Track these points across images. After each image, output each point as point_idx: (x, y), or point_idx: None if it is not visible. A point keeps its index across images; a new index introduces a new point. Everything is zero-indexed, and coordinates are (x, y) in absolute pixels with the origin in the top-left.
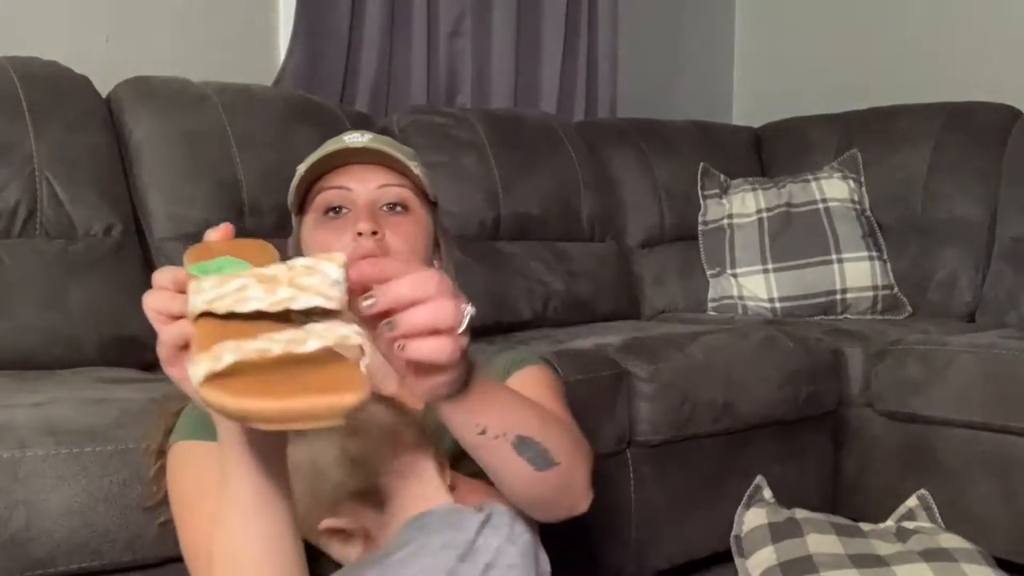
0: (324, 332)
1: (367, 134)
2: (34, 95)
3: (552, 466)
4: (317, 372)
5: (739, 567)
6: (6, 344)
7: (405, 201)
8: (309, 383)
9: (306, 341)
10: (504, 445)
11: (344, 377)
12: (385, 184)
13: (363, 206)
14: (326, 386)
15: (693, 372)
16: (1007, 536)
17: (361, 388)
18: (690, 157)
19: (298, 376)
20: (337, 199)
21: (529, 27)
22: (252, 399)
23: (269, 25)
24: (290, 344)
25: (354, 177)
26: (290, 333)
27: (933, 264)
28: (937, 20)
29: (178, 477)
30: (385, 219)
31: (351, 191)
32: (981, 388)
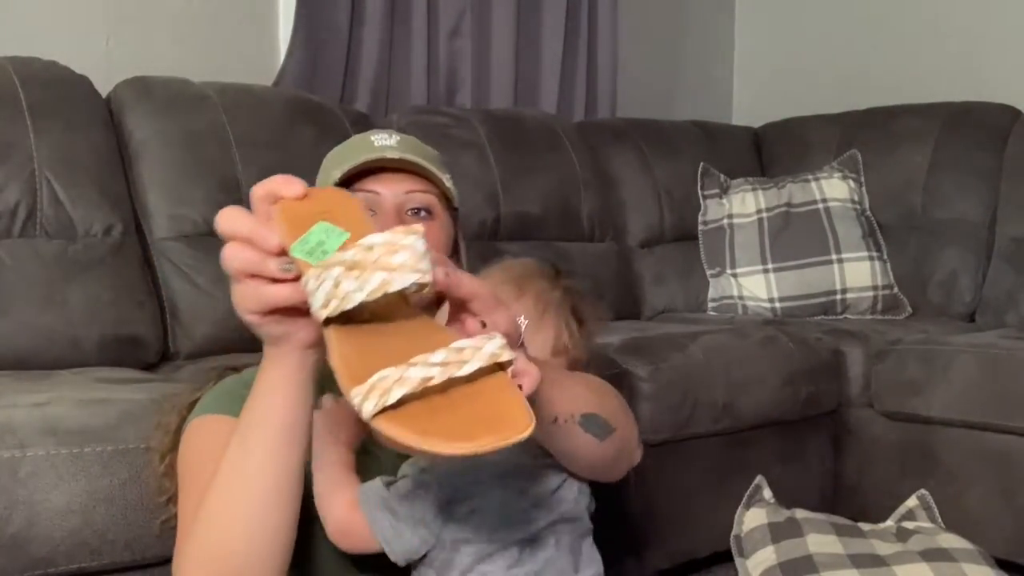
0: (474, 353)
1: (394, 135)
2: (34, 95)
3: (611, 433)
4: (477, 396)
5: (739, 567)
6: (6, 344)
7: (431, 206)
8: (476, 413)
9: (462, 365)
10: (572, 427)
11: (506, 406)
12: (412, 190)
13: (391, 210)
14: (493, 418)
15: (693, 372)
16: (1007, 536)
17: (527, 417)
18: (690, 157)
19: (461, 404)
20: (366, 202)
21: (529, 27)
22: (434, 440)
23: (269, 25)
24: (448, 369)
25: (383, 182)
26: (442, 355)
27: (933, 264)
28: (937, 20)
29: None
30: (411, 223)
31: (379, 195)
32: (981, 388)
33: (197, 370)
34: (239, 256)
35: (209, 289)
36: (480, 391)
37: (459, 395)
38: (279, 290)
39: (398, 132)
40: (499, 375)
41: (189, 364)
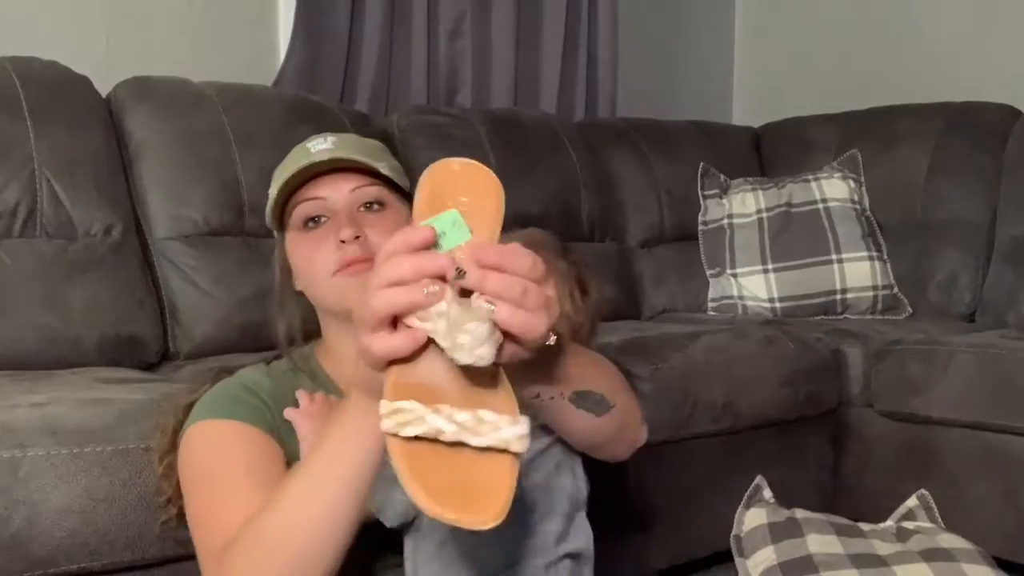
0: (492, 430)
1: (329, 138)
2: (34, 95)
3: (609, 410)
4: (476, 467)
5: (739, 567)
6: (6, 344)
7: (381, 198)
8: (462, 483)
9: (475, 436)
10: (561, 403)
11: (489, 489)
12: (359, 186)
13: (341, 212)
14: (472, 495)
15: (693, 372)
16: (1007, 536)
17: (497, 511)
18: (690, 157)
19: (458, 466)
20: (315, 209)
21: (529, 27)
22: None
23: (269, 25)
24: (461, 433)
25: (327, 185)
26: (465, 416)
27: (933, 264)
28: (937, 20)
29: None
30: (364, 219)
31: (326, 199)
32: (981, 388)
33: (197, 370)
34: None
35: (209, 289)
36: (481, 464)
37: (463, 457)
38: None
39: (335, 134)
40: (507, 458)
41: (189, 364)
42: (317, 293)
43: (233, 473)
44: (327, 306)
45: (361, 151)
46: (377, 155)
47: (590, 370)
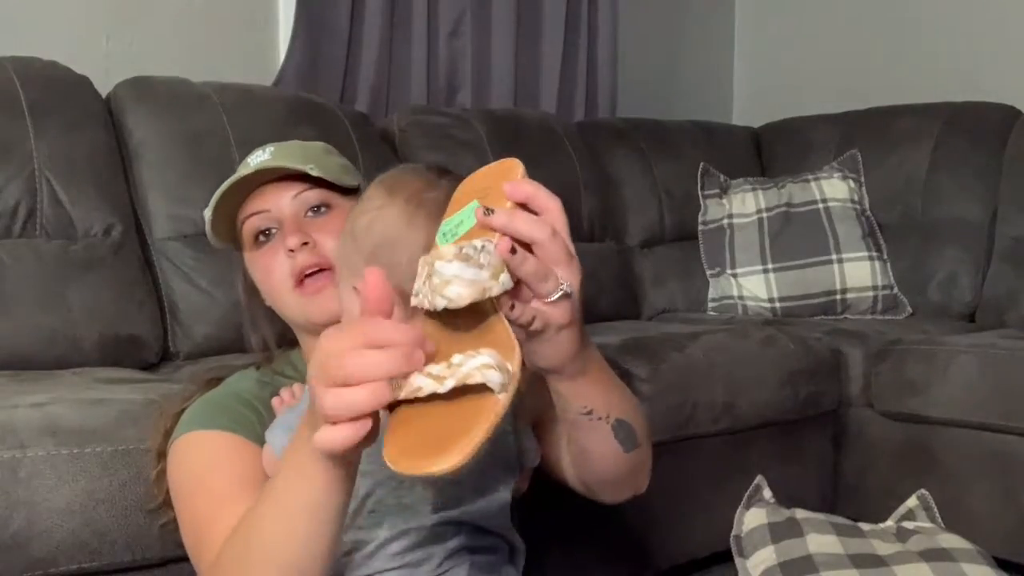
0: (456, 370)
1: (269, 148)
2: (34, 95)
3: (636, 447)
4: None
5: (739, 567)
6: (6, 344)
7: (326, 201)
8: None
9: (442, 383)
10: (604, 426)
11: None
12: (300, 191)
13: (286, 221)
14: (437, 443)
15: (693, 372)
16: (1007, 536)
17: (458, 453)
18: (690, 157)
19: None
20: (261, 223)
21: (529, 27)
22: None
23: (269, 25)
24: (434, 385)
25: (269, 196)
26: (439, 368)
27: (933, 264)
28: (937, 20)
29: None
30: (311, 224)
31: (271, 210)
32: (981, 388)
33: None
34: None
35: (209, 289)
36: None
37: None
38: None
39: (276, 143)
40: (486, 398)
41: (189, 364)
42: (281, 308)
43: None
44: (292, 321)
45: (299, 157)
46: (318, 158)
47: (626, 399)
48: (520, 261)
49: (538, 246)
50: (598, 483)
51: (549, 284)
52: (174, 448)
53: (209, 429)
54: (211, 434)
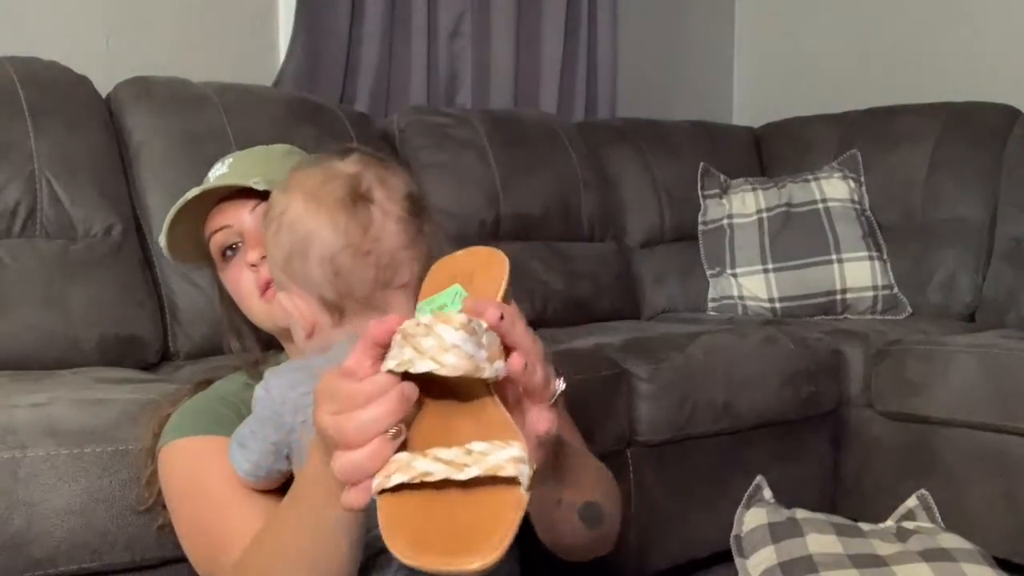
0: (481, 459)
1: (227, 160)
2: (34, 95)
3: (601, 524)
4: (469, 507)
5: (739, 567)
6: (6, 344)
7: None
8: (452, 526)
9: (462, 469)
10: (571, 513)
11: (482, 529)
12: (258, 203)
13: (247, 235)
14: (461, 538)
15: (693, 372)
16: (1007, 536)
17: (492, 551)
18: (690, 157)
19: (449, 510)
20: (225, 239)
21: (529, 27)
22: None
23: (269, 25)
24: (449, 469)
25: (228, 212)
26: (453, 453)
27: (933, 264)
28: (937, 20)
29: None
30: None
31: (232, 226)
32: (981, 388)
33: (196, 370)
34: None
35: (209, 289)
36: (475, 502)
37: (454, 497)
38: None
39: (235, 154)
40: (509, 491)
41: (189, 364)
42: (253, 318)
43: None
44: (265, 328)
45: (253, 168)
46: (275, 163)
47: (595, 476)
48: (531, 371)
49: (530, 353)
50: (559, 551)
51: (550, 389)
52: (161, 457)
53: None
54: (195, 440)
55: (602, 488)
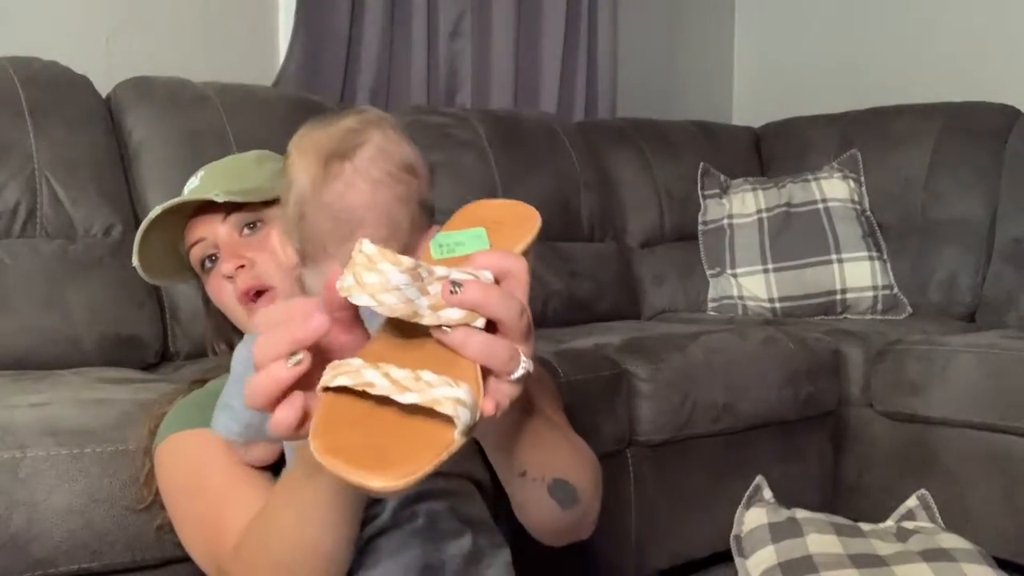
0: (425, 389)
1: (199, 173)
2: (34, 95)
3: (576, 504)
4: (402, 430)
5: (739, 567)
6: (6, 344)
7: (258, 216)
8: (380, 443)
9: (404, 392)
10: (540, 487)
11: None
12: (229, 213)
13: (221, 247)
14: (386, 456)
15: (693, 372)
16: (1007, 536)
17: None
18: (690, 157)
19: (382, 427)
20: (201, 252)
21: (529, 27)
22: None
23: (269, 25)
24: (392, 388)
25: (202, 225)
26: (403, 374)
27: (933, 264)
28: (937, 20)
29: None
30: (247, 244)
31: (206, 238)
32: (981, 388)
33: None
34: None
35: None
36: (407, 428)
37: (389, 420)
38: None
39: (207, 166)
40: (443, 430)
41: (189, 364)
42: (242, 326)
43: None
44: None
45: (219, 180)
46: (243, 172)
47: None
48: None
49: (503, 325)
50: (535, 531)
51: (512, 363)
52: (158, 454)
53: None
54: (191, 434)
55: (578, 467)
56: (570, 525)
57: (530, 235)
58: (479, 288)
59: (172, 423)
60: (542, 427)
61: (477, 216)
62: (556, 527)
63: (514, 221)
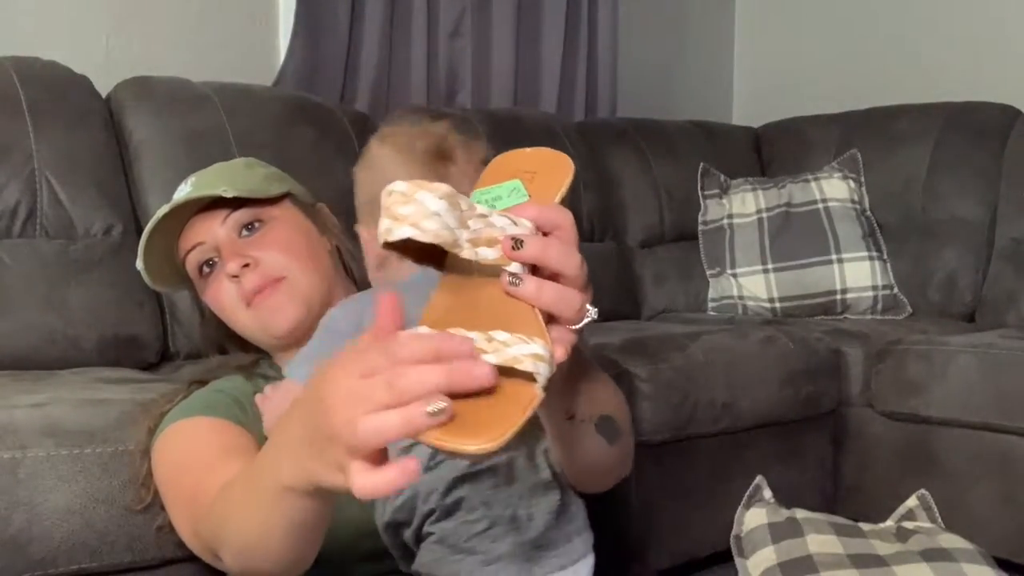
0: (501, 349)
1: (190, 179)
2: (34, 95)
3: (619, 437)
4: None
5: (739, 567)
6: (6, 344)
7: (257, 216)
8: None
9: (481, 355)
10: (588, 426)
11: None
12: (228, 215)
13: (222, 248)
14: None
15: (693, 372)
16: (1007, 536)
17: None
18: (690, 157)
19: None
20: (200, 256)
21: (529, 27)
22: None
23: (269, 25)
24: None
25: (199, 229)
26: (475, 337)
27: (933, 264)
28: (937, 20)
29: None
30: (249, 244)
31: (205, 242)
32: (981, 388)
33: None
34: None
35: None
36: (494, 389)
37: None
38: None
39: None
40: (524, 387)
41: (189, 364)
42: (242, 331)
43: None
44: (255, 339)
45: (216, 181)
46: (236, 176)
47: (607, 391)
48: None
49: (566, 277)
50: (583, 476)
51: (581, 312)
52: (157, 444)
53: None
54: (190, 421)
55: (613, 401)
56: (615, 461)
57: (565, 182)
58: (540, 243)
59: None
60: (586, 367)
61: (510, 167)
62: (604, 466)
63: (547, 169)
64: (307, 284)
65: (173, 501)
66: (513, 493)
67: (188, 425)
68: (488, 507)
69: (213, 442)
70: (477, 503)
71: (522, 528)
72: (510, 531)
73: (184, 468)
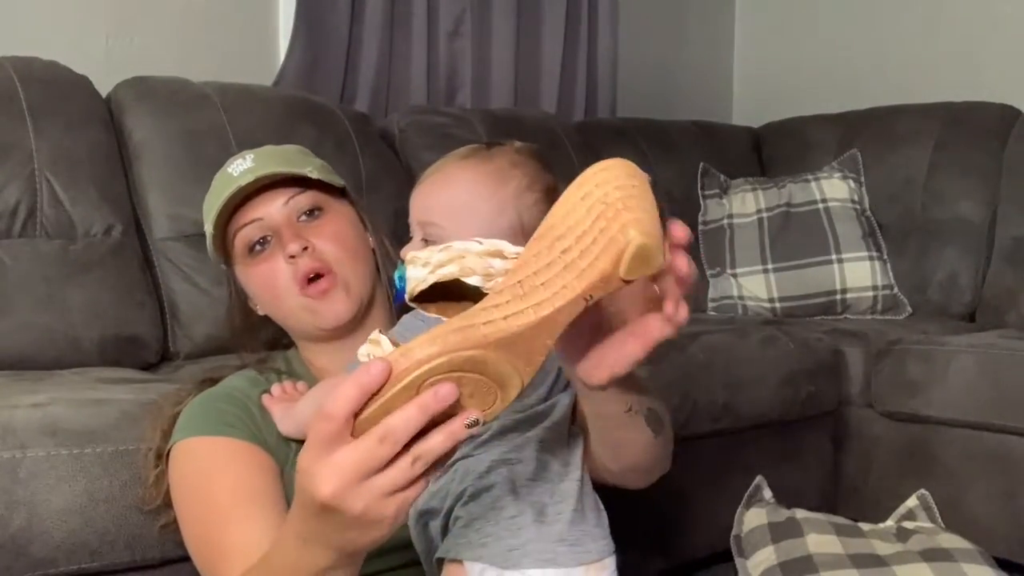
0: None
1: (248, 156)
2: (34, 95)
3: (663, 429)
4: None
5: (739, 567)
6: (6, 344)
7: (317, 204)
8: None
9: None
10: (639, 419)
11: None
12: (291, 197)
13: (282, 228)
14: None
15: (693, 372)
16: (1007, 536)
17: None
18: (690, 157)
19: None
20: (255, 232)
21: (529, 27)
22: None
23: (269, 25)
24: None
25: (259, 205)
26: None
27: (933, 264)
28: (937, 20)
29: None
30: (306, 229)
31: (263, 219)
32: (981, 388)
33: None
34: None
35: (209, 289)
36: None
37: None
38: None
39: (253, 150)
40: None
41: (189, 364)
42: (286, 317)
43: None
44: (299, 328)
45: (284, 161)
46: (300, 160)
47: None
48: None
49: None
50: (630, 471)
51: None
52: (173, 455)
53: (205, 435)
54: (207, 440)
55: (656, 394)
56: (661, 453)
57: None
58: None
59: (187, 427)
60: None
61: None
62: (651, 458)
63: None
64: (357, 281)
65: (191, 534)
66: (544, 488)
67: (209, 446)
68: (517, 496)
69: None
70: (508, 490)
71: (548, 520)
72: (536, 521)
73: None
